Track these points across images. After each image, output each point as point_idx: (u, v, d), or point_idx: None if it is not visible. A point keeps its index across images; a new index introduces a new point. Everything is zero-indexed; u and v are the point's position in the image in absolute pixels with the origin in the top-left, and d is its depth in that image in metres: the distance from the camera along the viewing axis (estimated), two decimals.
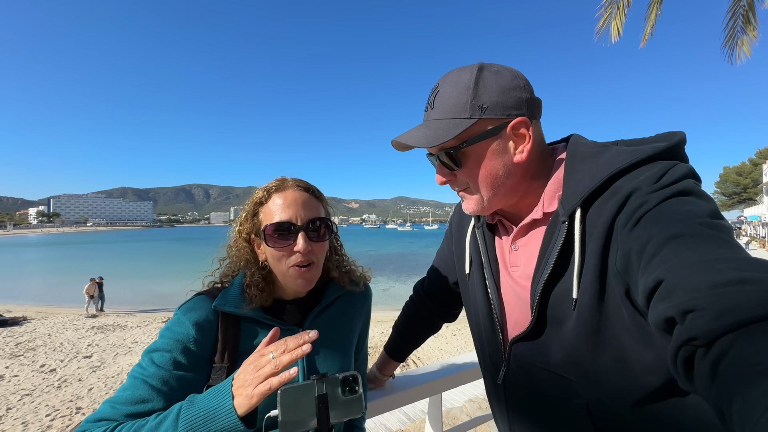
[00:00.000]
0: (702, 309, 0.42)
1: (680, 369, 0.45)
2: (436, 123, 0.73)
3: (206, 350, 0.85)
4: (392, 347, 1.32)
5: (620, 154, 0.68)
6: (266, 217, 0.88)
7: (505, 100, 0.71)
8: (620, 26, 6.84)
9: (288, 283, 0.90)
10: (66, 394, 6.57)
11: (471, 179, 0.76)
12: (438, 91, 0.75)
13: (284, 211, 0.86)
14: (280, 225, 0.86)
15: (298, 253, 0.87)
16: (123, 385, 0.79)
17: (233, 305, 0.87)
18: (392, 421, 4.00)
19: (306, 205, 0.89)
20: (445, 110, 0.73)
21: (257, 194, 0.91)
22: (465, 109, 0.71)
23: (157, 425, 0.67)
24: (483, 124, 0.71)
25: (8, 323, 11.41)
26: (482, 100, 0.71)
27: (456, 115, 0.72)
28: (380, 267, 31.24)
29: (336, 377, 0.75)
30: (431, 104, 0.76)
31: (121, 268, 31.24)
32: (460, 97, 0.71)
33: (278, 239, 0.86)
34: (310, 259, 0.89)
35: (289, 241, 0.86)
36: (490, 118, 0.71)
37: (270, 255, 0.89)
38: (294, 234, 0.87)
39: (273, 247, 0.87)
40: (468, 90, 0.71)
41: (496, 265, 0.87)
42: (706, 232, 0.51)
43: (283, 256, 0.88)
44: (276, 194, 0.89)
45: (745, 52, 6.42)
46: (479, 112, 0.71)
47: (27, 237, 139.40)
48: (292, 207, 0.87)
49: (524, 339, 0.78)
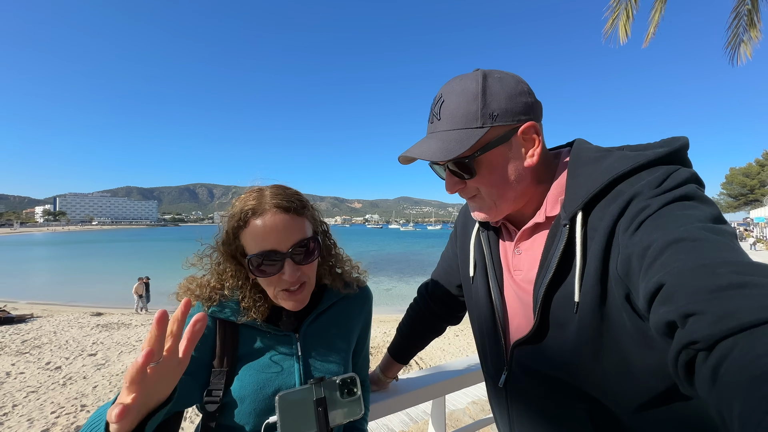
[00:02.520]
0: (703, 313, 0.42)
1: (681, 373, 0.45)
2: (447, 135, 0.73)
3: (205, 355, 0.85)
4: (396, 349, 1.32)
5: (622, 158, 0.68)
6: (247, 244, 0.83)
7: (513, 107, 0.72)
8: (628, 28, 6.78)
9: (280, 303, 0.89)
10: (71, 391, 6.62)
11: (483, 186, 0.76)
12: (443, 101, 0.75)
13: (265, 240, 0.81)
14: (264, 255, 0.81)
15: (286, 281, 0.83)
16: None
17: (230, 315, 0.87)
18: (395, 422, 4.00)
19: (288, 229, 0.82)
20: (455, 121, 0.73)
21: (234, 215, 0.83)
22: (476, 118, 0.71)
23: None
24: (494, 131, 0.72)
25: (14, 321, 11.52)
26: (492, 108, 0.71)
27: (467, 125, 0.71)
28: (383, 267, 31.20)
29: (333, 380, 0.75)
30: (437, 115, 0.75)
31: (128, 267, 31.45)
32: (470, 107, 0.71)
33: (265, 270, 0.82)
34: (300, 281, 0.86)
35: (275, 268, 0.82)
36: (501, 125, 0.72)
37: (258, 279, 0.87)
38: (280, 262, 0.82)
39: (260, 277, 0.84)
40: (476, 99, 0.71)
41: (500, 268, 0.87)
42: (708, 236, 0.51)
43: (271, 283, 0.85)
44: (253, 219, 0.81)
45: (747, 54, 6.36)
46: (490, 121, 0.71)
47: (33, 235, 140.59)
48: (272, 234, 0.81)
49: (526, 343, 0.78)
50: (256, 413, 0.83)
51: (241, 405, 0.83)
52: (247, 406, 0.83)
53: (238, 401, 0.83)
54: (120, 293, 18.05)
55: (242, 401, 0.83)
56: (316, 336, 0.95)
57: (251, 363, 0.87)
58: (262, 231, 0.81)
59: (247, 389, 0.84)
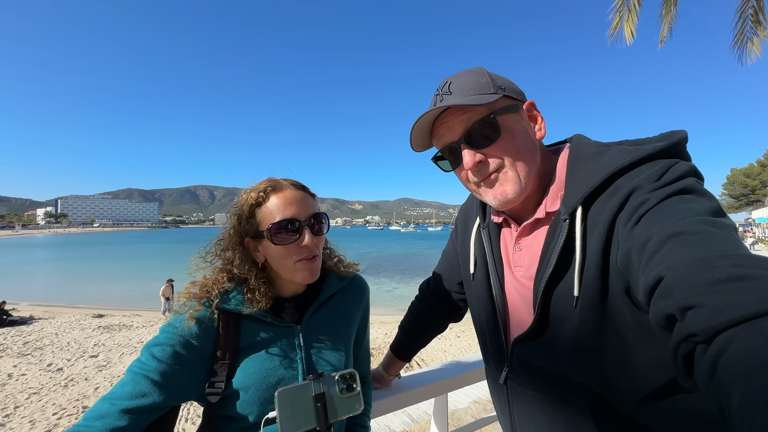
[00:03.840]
0: (701, 306, 0.42)
1: (680, 366, 0.46)
2: (464, 99, 0.73)
3: (207, 347, 0.86)
4: (398, 347, 1.33)
5: (621, 153, 0.69)
6: (266, 217, 0.89)
7: (513, 87, 0.79)
8: (633, 28, 6.75)
9: (294, 277, 0.91)
10: (72, 393, 6.63)
11: (507, 152, 0.74)
12: (450, 83, 0.77)
13: (286, 209, 0.89)
14: (285, 222, 0.88)
15: (304, 248, 0.89)
16: (121, 381, 0.79)
17: (234, 306, 0.88)
18: (396, 422, 3.99)
19: (304, 203, 0.92)
20: (468, 90, 0.74)
21: (251, 195, 0.91)
22: (488, 86, 0.75)
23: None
24: (505, 100, 0.76)
25: (16, 322, 11.55)
26: (499, 83, 0.77)
27: (481, 91, 0.74)
28: (384, 268, 31.22)
29: (332, 376, 0.75)
30: (447, 92, 0.76)
31: (128, 269, 31.49)
32: (480, 80, 0.76)
33: (284, 236, 0.88)
34: (315, 252, 0.91)
35: (295, 237, 0.89)
36: (510, 96, 0.76)
37: (274, 253, 0.90)
38: (299, 230, 0.89)
39: (280, 244, 0.88)
40: (484, 75, 0.77)
41: (501, 265, 0.87)
42: (707, 229, 0.51)
43: (289, 253, 0.89)
44: (273, 194, 0.90)
45: (756, 52, 6.33)
46: (501, 90, 0.75)
47: (35, 237, 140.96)
48: (293, 205, 0.89)
49: (527, 339, 0.78)
50: (260, 402, 0.84)
51: (245, 395, 0.84)
52: (252, 395, 0.84)
53: (242, 391, 0.84)
54: (121, 295, 18.08)
55: (246, 390, 0.84)
56: (318, 327, 0.97)
57: (254, 354, 0.88)
58: (283, 202, 0.89)
59: (251, 378, 0.85)
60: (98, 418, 0.74)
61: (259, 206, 0.90)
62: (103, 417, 0.74)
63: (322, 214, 0.95)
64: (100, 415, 0.74)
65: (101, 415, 0.74)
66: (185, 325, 0.84)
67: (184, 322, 0.84)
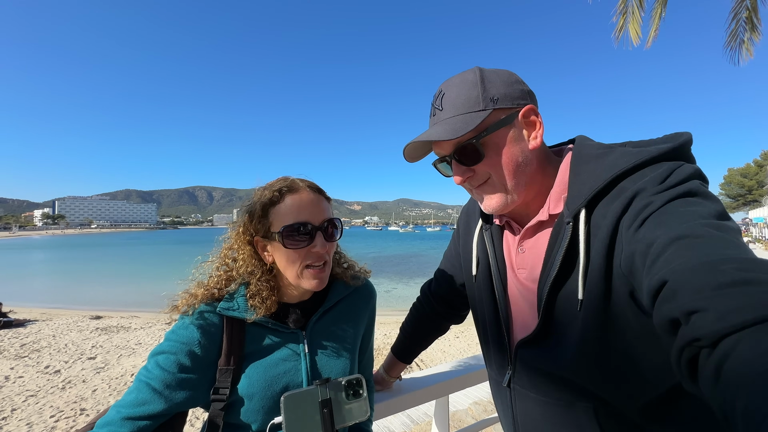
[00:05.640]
0: (706, 310, 0.42)
1: (684, 370, 0.45)
2: (452, 120, 0.74)
3: (212, 353, 0.85)
4: (399, 348, 1.32)
5: (625, 155, 0.68)
6: (279, 218, 0.87)
7: (511, 92, 0.75)
8: (638, 30, 6.74)
9: (301, 283, 0.89)
10: (70, 395, 6.59)
11: (494, 169, 0.75)
12: (443, 94, 0.76)
13: (300, 212, 0.86)
14: (299, 225, 0.85)
15: (315, 253, 0.87)
16: (129, 388, 0.81)
17: (238, 312, 0.87)
18: (396, 424, 3.98)
19: (319, 206, 0.90)
20: (457, 107, 0.74)
21: (265, 194, 0.88)
22: (478, 102, 0.73)
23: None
24: (496, 114, 0.74)
25: (13, 324, 11.48)
26: (492, 93, 0.74)
27: (470, 109, 0.73)
28: (383, 268, 31.15)
29: (339, 381, 0.75)
30: (438, 107, 0.77)
31: (126, 271, 31.36)
32: (470, 93, 0.73)
33: (296, 240, 0.86)
34: (325, 258, 0.90)
35: (307, 241, 0.86)
36: (502, 108, 0.73)
37: (282, 256, 0.88)
38: (311, 235, 0.87)
39: (291, 247, 0.86)
40: (476, 86, 0.74)
41: (503, 267, 0.87)
42: (711, 233, 0.51)
43: (299, 257, 0.87)
44: (289, 195, 0.88)
45: (748, 53, 6.36)
46: (492, 104, 0.73)
47: (32, 239, 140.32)
48: (308, 208, 0.87)
49: (530, 341, 0.78)
50: (264, 411, 0.84)
51: (249, 402, 0.84)
52: (256, 403, 0.84)
53: (246, 399, 0.84)
54: (119, 296, 17.98)
55: (251, 399, 0.84)
56: (323, 333, 0.96)
57: (259, 361, 0.87)
58: (298, 204, 0.87)
59: (256, 386, 0.84)
60: (105, 425, 0.77)
61: (273, 205, 0.88)
62: (108, 424, 0.77)
63: (336, 219, 0.93)
64: (106, 422, 0.77)
65: (107, 422, 0.77)
66: (189, 333, 0.83)
67: (188, 328, 0.84)
